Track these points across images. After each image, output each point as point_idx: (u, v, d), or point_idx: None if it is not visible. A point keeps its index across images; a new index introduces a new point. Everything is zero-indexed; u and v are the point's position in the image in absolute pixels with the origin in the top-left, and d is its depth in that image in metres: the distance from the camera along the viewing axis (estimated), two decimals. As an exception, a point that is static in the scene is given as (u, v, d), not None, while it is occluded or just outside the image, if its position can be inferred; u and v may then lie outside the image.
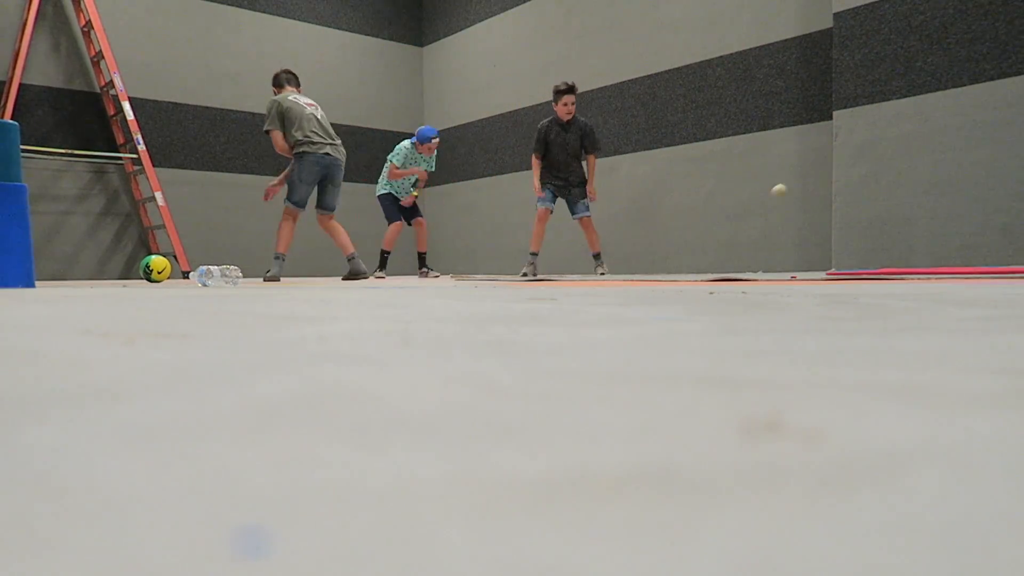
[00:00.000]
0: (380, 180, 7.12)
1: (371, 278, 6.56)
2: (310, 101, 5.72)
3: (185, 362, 0.73)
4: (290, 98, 5.60)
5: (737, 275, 5.13)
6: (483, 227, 9.51)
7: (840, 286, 2.73)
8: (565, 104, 6.00)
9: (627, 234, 7.68)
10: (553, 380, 0.60)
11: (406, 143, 6.89)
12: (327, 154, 5.56)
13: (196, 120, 8.56)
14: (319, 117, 5.64)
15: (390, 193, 7.07)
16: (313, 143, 5.51)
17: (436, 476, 0.32)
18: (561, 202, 6.72)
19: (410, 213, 7.14)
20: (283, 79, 5.82)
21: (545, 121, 6.21)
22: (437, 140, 6.81)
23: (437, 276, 7.26)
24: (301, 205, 5.63)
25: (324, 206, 5.80)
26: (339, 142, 5.73)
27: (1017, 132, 4.67)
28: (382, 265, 7.15)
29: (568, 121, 6.09)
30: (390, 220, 7.08)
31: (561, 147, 6.16)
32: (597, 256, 6.32)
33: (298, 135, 5.49)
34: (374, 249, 10.02)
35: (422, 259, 7.33)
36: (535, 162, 6.23)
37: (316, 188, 5.72)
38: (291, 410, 0.48)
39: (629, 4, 7.61)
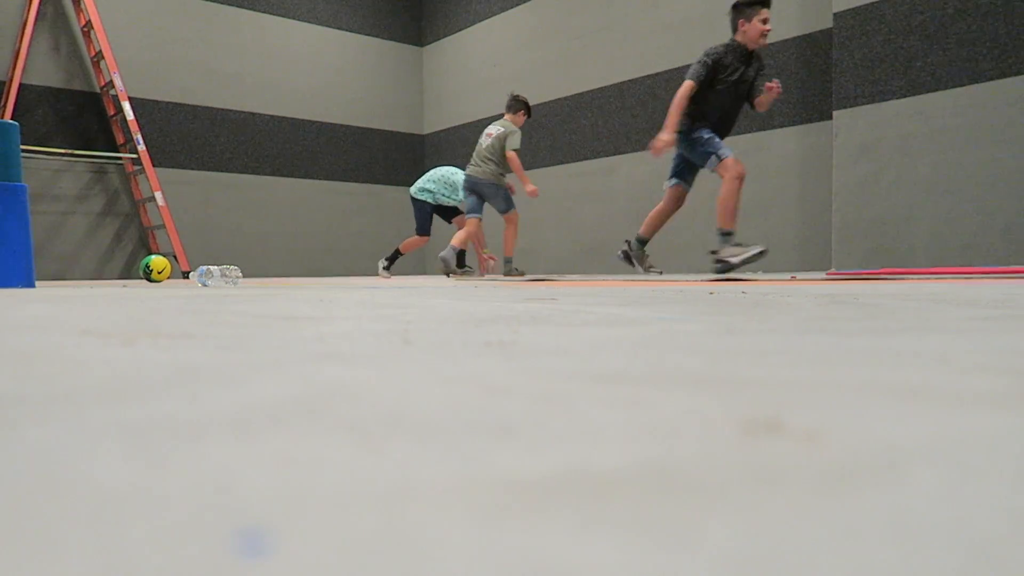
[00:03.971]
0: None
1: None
2: (491, 130, 6.26)
3: (185, 362, 0.73)
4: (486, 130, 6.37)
5: (737, 275, 5.13)
6: (483, 227, 9.51)
7: (840, 286, 2.73)
8: (764, 20, 4.43)
9: (627, 234, 7.68)
10: (553, 380, 0.59)
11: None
12: (467, 175, 6.34)
13: (196, 120, 8.56)
14: (481, 143, 6.29)
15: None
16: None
17: (436, 476, 0.32)
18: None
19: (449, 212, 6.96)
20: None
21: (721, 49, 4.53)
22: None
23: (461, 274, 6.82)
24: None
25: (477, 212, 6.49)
26: (480, 163, 6.25)
27: (1017, 132, 4.67)
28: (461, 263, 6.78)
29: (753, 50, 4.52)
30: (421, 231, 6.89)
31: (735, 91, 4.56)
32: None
33: None
34: (371, 249, 10.02)
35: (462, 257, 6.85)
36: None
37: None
38: (291, 410, 0.48)
39: (629, 4, 7.61)
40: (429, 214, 6.89)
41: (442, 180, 6.81)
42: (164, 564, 0.22)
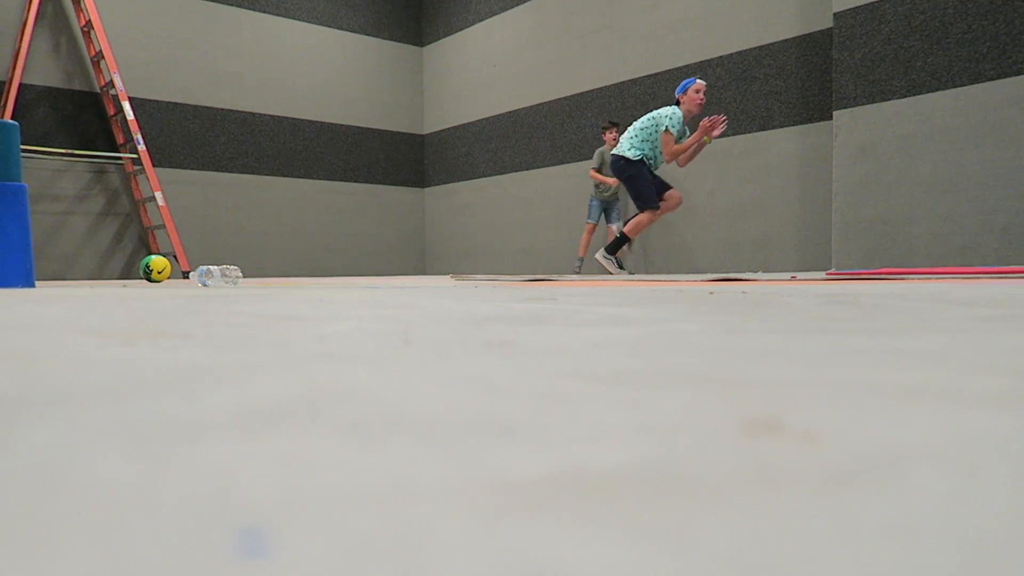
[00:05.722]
0: (629, 141, 5.80)
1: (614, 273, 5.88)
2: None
3: (185, 362, 0.73)
4: None
5: (737, 275, 5.13)
6: (483, 227, 9.52)
7: (840, 286, 2.73)
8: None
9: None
10: (553, 380, 0.59)
11: (670, 108, 5.72)
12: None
13: (196, 120, 8.56)
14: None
15: (644, 159, 5.75)
16: None
17: (436, 476, 0.32)
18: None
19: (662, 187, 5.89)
20: None
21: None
22: (703, 84, 5.75)
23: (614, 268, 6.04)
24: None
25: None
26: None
27: (1017, 132, 4.67)
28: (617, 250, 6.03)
29: None
30: (650, 202, 5.71)
31: None
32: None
33: None
34: (371, 249, 10.01)
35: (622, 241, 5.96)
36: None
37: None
38: (291, 410, 0.48)
39: (629, 4, 7.61)
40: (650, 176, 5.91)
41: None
42: (164, 564, 0.22)
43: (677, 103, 5.75)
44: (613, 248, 5.94)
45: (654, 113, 5.77)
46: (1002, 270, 3.89)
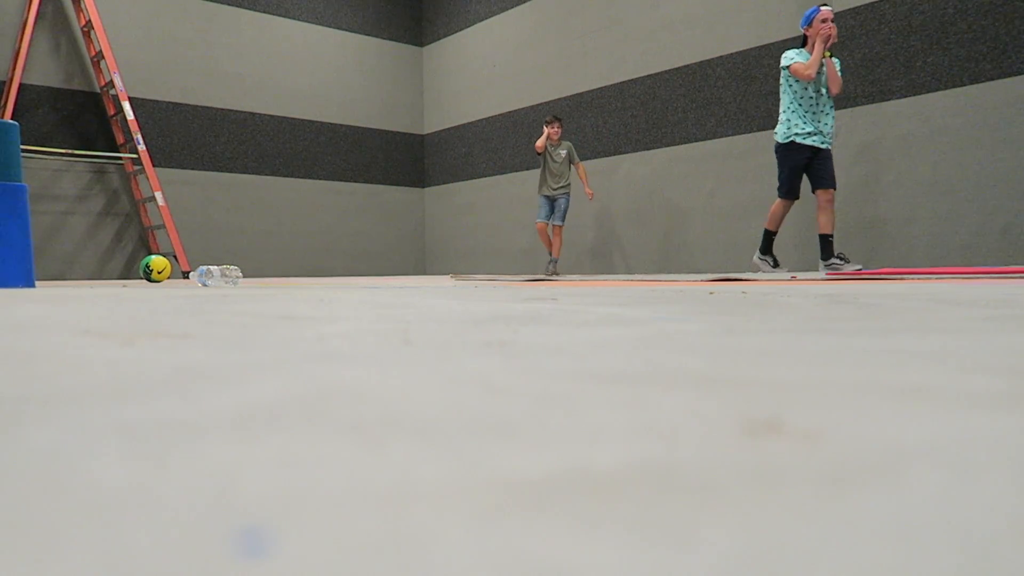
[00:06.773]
0: (778, 120, 5.00)
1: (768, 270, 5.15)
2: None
3: (185, 362, 0.73)
4: None
5: (737, 275, 5.13)
6: (483, 227, 9.51)
7: (840, 286, 2.73)
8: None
9: (627, 234, 7.68)
10: (553, 380, 0.59)
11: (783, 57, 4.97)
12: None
13: (196, 120, 8.56)
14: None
15: (794, 141, 4.82)
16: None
17: (436, 476, 0.32)
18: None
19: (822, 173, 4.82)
20: None
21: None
22: (828, 10, 4.77)
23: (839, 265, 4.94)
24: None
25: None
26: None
27: (1017, 132, 4.67)
28: (766, 248, 5.17)
29: None
30: (779, 188, 4.96)
31: None
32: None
33: None
34: (371, 249, 10.01)
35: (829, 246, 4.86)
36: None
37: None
38: (291, 410, 0.48)
39: (629, 4, 7.61)
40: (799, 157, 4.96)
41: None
42: (164, 564, 0.22)
43: (804, 39, 4.99)
44: (766, 247, 5.22)
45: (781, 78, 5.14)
46: (1002, 270, 3.89)
